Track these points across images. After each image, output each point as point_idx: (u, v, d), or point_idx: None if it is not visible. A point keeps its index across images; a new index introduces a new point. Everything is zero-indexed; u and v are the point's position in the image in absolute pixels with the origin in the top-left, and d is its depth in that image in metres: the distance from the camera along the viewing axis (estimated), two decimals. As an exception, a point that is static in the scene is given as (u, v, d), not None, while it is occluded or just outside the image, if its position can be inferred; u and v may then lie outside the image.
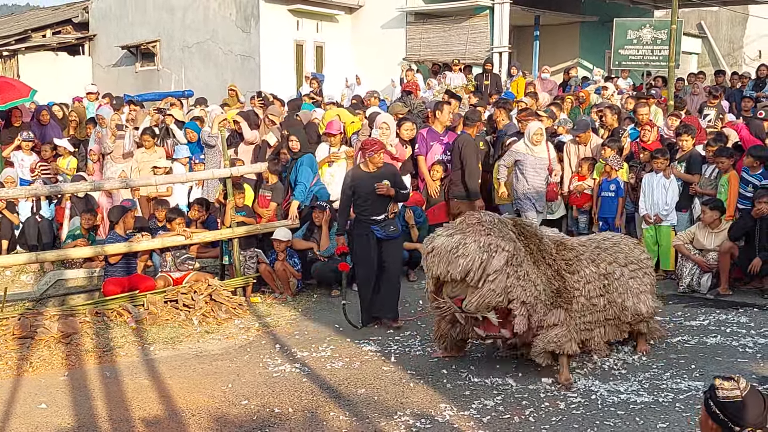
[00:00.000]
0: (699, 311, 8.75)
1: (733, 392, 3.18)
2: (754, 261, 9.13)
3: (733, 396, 3.17)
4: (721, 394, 3.19)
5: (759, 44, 27.01)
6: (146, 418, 6.08)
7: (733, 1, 23.85)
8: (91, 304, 8.87)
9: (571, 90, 17.84)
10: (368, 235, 8.47)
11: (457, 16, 22.38)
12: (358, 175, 8.58)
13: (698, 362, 7.09)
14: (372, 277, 8.48)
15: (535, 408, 6.10)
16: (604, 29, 23.28)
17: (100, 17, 26.27)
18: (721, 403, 3.17)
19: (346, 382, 6.76)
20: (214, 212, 10.73)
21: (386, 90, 20.00)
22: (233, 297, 9.29)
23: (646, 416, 5.90)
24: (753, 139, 10.74)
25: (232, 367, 7.27)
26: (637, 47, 17.62)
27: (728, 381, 3.23)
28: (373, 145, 8.51)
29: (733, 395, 3.17)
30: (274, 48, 22.42)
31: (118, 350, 7.79)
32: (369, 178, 8.44)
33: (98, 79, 24.15)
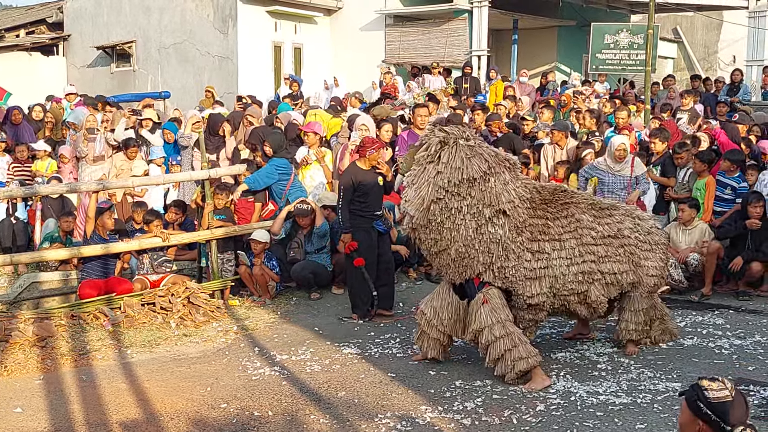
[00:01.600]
0: (676, 313, 8.80)
1: (722, 392, 3.20)
2: (736, 260, 9.20)
3: (723, 396, 3.19)
4: (711, 395, 3.20)
5: (733, 49, 27.26)
6: (124, 422, 6.02)
7: (707, 6, 24.06)
8: (66, 307, 8.79)
9: (549, 94, 17.92)
10: (371, 230, 8.75)
11: (436, 19, 22.43)
12: (358, 172, 8.76)
13: (675, 363, 7.13)
14: (375, 270, 8.73)
15: (515, 410, 6.11)
16: (582, 33, 23.44)
17: (74, 17, 26.05)
18: (712, 403, 3.19)
19: (325, 385, 6.74)
20: (191, 214, 10.66)
21: (366, 92, 19.99)
22: (211, 300, 9.25)
23: (625, 417, 5.93)
24: (731, 143, 10.85)
25: (211, 370, 7.22)
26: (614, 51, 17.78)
27: (714, 382, 3.25)
28: (374, 143, 8.88)
29: (723, 395, 3.19)
30: (252, 49, 22.34)
31: (95, 353, 7.72)
32: (369, 175, 8.69)
33: (73, 80, 23.94)
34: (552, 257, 6.78)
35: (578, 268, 6.85)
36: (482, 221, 6.59)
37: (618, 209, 7.32)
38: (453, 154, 6.58)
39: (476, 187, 6.57)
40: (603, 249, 6.96)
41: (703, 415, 3.21)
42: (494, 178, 6.64)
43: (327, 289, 10.08)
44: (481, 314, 6.67)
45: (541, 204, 6.93)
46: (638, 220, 7.30)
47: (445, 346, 7.21)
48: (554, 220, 6.89)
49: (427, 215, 6.58)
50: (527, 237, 6.73)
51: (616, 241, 7.03)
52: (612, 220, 7.12)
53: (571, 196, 7.22)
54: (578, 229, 6.92)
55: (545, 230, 6.81)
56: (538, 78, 21.60)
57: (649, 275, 7.17)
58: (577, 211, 7.02)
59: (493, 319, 6.62)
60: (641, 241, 7.16)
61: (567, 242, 6.85)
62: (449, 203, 6.55)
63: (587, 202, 7.23)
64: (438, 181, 6.55)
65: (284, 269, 10.06)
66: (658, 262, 7.26)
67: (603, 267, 6.94)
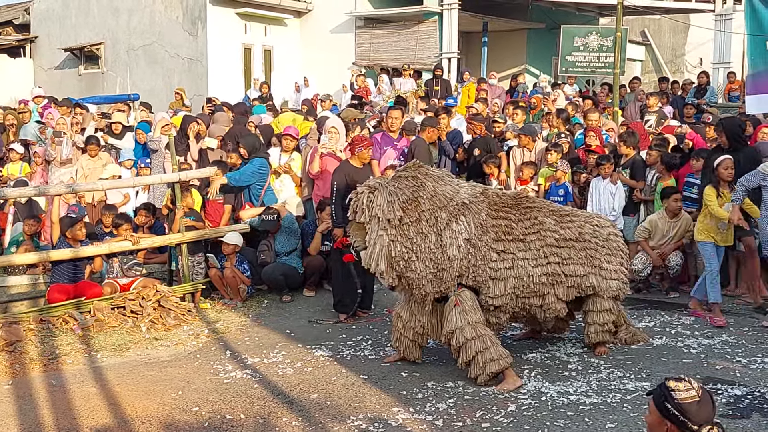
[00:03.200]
0: (645, 313, 8.91)
1: (689, 393, 3.23)
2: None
3: (690, 397, 3.22)
4: (679, 396, 3.22)
5: (700, 52, 27.60)
6: (95, 426, 5.98)
7: (675, 9, 24.33)
8: (35, 311, 8.70)
9: (518, 96, 18.03)
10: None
11: (406, 22, 22.49)
12: (351, 169, 8.92)
13: (645, 363, 7.20)
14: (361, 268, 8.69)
15: (486, 410, 6.14)
16: (551, 36, 23.60)
17: (41, 19, 25.82)
18: (679, 404, 3.21)
19: (298, 388, 6.73)
20: (161, 218, 10.60)
21: (337, 94, 20.01)
22: (182, 303, 9.19)
23: (595, 417, 5.98)
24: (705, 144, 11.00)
25: (182, 373, 7.18)
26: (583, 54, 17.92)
27: (681, 382, 3.27)
28: (363, 141, 9.06)
29: (690, 396, 3.22)
30: (222, 51, 22.28)
31: (64, 358, 7.65)
32: (360, 172, 8.82)
33: (40, 82, 23.75)
34: (517, 257, 6.85)
35: (543, 270, 6.92)
36: (443, 226, 6.63)
37: (578, 215, 7.45)
38: (380, 198, 6.63)
39: (420, 201, 6.64)
40: (566, 251, 7.05)
41: (670, 416, 3.23)
42: (434, 184, 6.72)
43: (298, 292, 10.08)
44: (452, 316, 6.71)
45: (503, 207, 7.01)
46: (597, 226, 7.42)
47: (421, 347, 7.25)
48: (518, 222, 6.97)
49: (393, 269, 6.60)
50: (492, 237, 6.79)
51: (578, 245, 7.14)
52: (573, 224, 7.23)
53: (533, 201, 7.37)
54: (541, 231, 7.01)
55: (509, 231, 6.89)
56: (508, 80, 21.74)
57: (610, 279, 7.27)
58: (540, 214, 7.11)
59: (464, 322, 6.66)
60: (601, 246, 7.27)
61: (532, 243, 6.93)
62: (408, 233, 6.57)
63: (548, 207, 7.35)
64: (382, 227, 6.58)
65: (255, 272, 10.04)
66: (617, 267, 7.37)
67: (566, 269, 7.03)
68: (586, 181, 10.80)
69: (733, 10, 20.95)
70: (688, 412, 3.20)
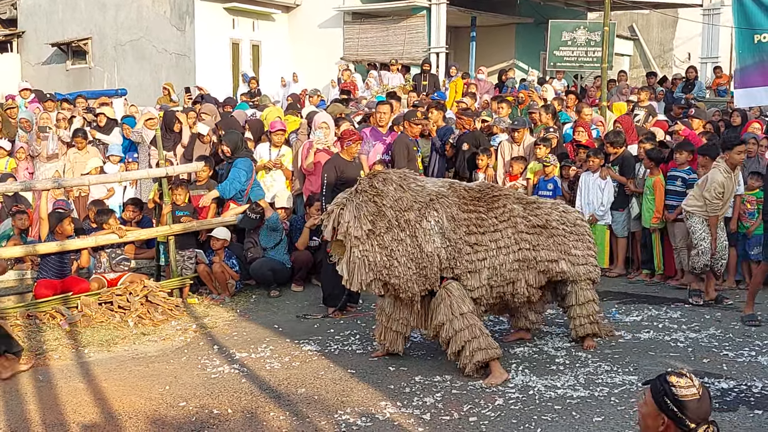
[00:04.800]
0: (632, 307, 8.94)
1: (690, 390, 3.15)
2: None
3: (691, 394, 3.14)
4: (679, 393, 3.14)
5: (688, 46, 27.66)
6: (82, 421, 5.96)
7: (663, 4, 24.39)
8: (22, 307, 8.67)
9: (507, 91, 18.03)
10: None
11: (395, 17, 22.47)
12: (341, 162, 9.02)
13: (632, 357, 7.22)
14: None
15: (474, 404, 6.15)
16: (539, 31, 23.62)
17: (28, 14, 25.68)
18: (680, 400, 3.15)
19: (285, 382, 6.73)
20: (148, 213, 10.57)
21: (325, 89, 19.98)
22: (170, 298, 9.17)
23: (583, 410, 5.99)
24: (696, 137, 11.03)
25: (170, 368, 7.16)
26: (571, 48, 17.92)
27: (682, 378, 3.18)
28: (352, 135, 9.17)
29: (690, 393, 3.14)
30: (210, 46, 22.21)
31: (51, 353, 7.61)
32: (351, 166, 8.97)
33: (27, 77, 23.66)
34: (491, 248, 6.88)
35: (515, 256, 6.96)
36: (415, 226, 6.64)
37: (544, 203, 7.53)
38: (347, 215, 6.65)
39: (384, 210, 6.65)
40: (535, 238, 7.10)
41: (668, 411, 3.16)
42: (394, 189, 6.75)
43: (286, 287, 10.07)
44: (441, 309, 6.71)
45: (471, 201, 7.04)
46: (564, 212, 7.48)
47: (406, 338, 7.26)
48: (487, 212, 7.00)
49: (378, 280, 6.60)
50: (464, 231, 6.82)
51: (545, 231, 7.18)
52: (540, 211, 7.27)
53: (499, 190, 7.41)
54: (512, 218, 7.06)
55: (480, 223, 6.92)
56: (496, 75, 21.74)
57: (578, 264, 7.32)
58: (508, 201, 7.15)
59: (454, 313, 6.67)
60: (568, 232, 7.32)
61: (504, 231, 6.96)
62: (383, 243, 6.58)
63: (514, 195, 7.43)
64: (354, 244, 6.58)
65: (243, 267, 10.03)
66: (585, 251, 7.42)
67: (537, 255, 7.07)
68: (575, 175, 10.82)
69: (721, 4, 21.02)
70: (687, 409, 3.13)
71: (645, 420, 3.26)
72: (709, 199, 8.86)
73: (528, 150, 11.37)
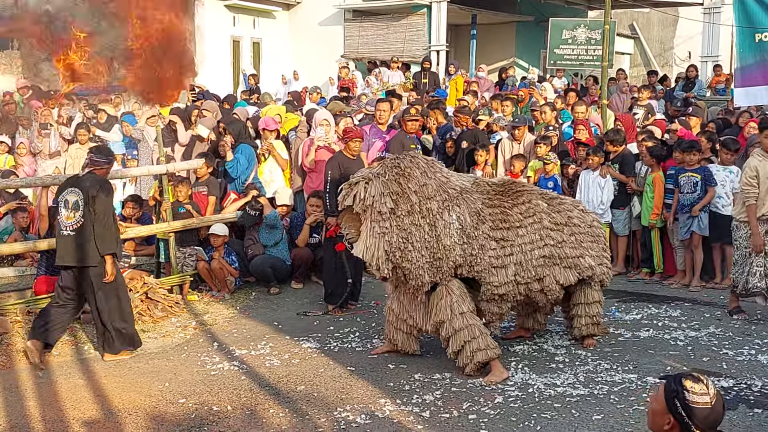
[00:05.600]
0: (632, 306, 8.94)
1: (703, 398, 3.08)
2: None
3: (703, 402, 3.07)
4: (691, 399, 3.08)
5: (688, 45, 27.64)
6: (81, 418, 5.97)
7: (663, 3, 24.37)
8: (22, 303, 8.64)
9: (507, 89, 18.02)
10: None
11: (395, 14, 22.45)
12: (344, 160, 9.03)
13: (632, 355, 7.23)
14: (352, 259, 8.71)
15: (473, 402, 6.15)
16: (540, 29, 23.58)
17: (29, 10, 25.64)
18: (690, 407, 3.10)
19: (285, 379, 6.73)
20: (148, 210, 10.57)
21: (325, 87, 19.97)
22: (169, 295, 9.15)
23: (582, 408, 6.00)
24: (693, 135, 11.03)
25: (169, 365, 7.17)
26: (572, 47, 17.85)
27: (698, 383, 3.12)
28: (352, 132, 9.21)
29: (703, 401, 3.07)
30: (210, 44, 22.17)
31: (51, 350, 7.61)
32: (354, 163, 8.93)
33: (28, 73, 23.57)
34: (516, 243, 6.86)
35: (540, 252, 6.94)
36: (435, 216, 6.62)
37: (565, 200, 7.51)
38: (374, 189, 6.63)
39: (408, 194, 6.63)
40: (559, 234, 7.08)
41: (676, 414, 3.11)
42: (420, 175, 6.73)
43: (286, 284, 10.07)
44: (441, 306, 6.71)
45: (495, 195, 7.02)
46: (582, 212, 7.49)
47: (416, 338, 7.25)
48: (512, 208, 6.98)
49: (389, 260, 6.58)
50: (489, 226, 6.79)
51: (567, 229, 7.17)
52: (563, 208, 7.26)
53: (522, 185, 7.42)
54: (536, 214, 7.04)
55: (505, 218, 6.89)
56: (496, 73, 21.72)
57: (596, 264, 7.31)
58: (532, 197, 7.13)
59: (454, 312, 6.66)
60: (585, 233, 7.32)
61: (528, 227, 6.94)
62: (402, 225, 6.56)
63: (537, 191, 7.42)
64: (376, 219, 6.58)
65: (243, 264, 10.03)
66: (600, 252, 7.42)
67: (561, 251, 7.05)
68: (575, 173, 10.81)
69: (722, 2, 21.01)
70: (696, 417, 3.07)
71: (653, 415, 3.23)
72: (743, 187, 8.15)
73: (528, 148, 11.36)
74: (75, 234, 7.19)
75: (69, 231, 7.21)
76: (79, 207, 7.18)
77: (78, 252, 7.18)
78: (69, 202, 7.25)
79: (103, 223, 7.18)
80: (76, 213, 7.19)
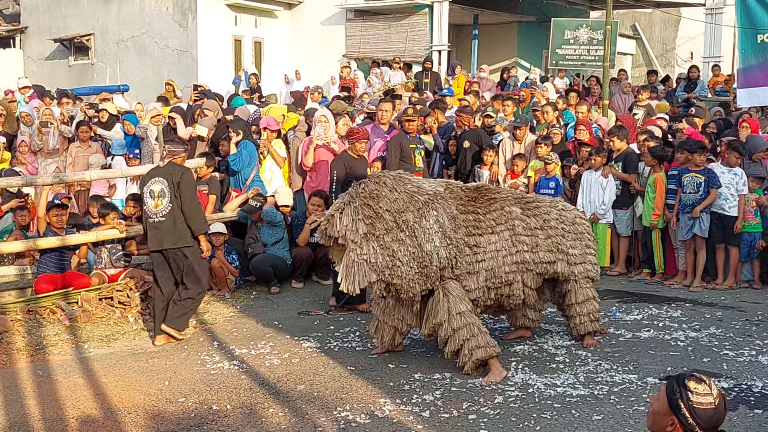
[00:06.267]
0: (633, 306, 8.93)
1: (707, 398, 3.06)
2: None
3: (707, 403, 3.05)
4: (695, 399, 3.06)
5: (690, 46, 27.63)
6: (81, 416, 5.96)
7: (665, 3, 24.35)
8: (22, 302, 8.66)
9: (509, 89, 18.02)
10: None
11: (397, 14, 22.45)
12: (349, 159, 9.14)
13: (632, 356, 7.22)
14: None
15: (473, 402, 6.14)
16: (542, 29, 23.59)
17: (31, 9, 25.68)
18: (694, 408, 3.08)
19: (285, 379, 6.73)
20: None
21: (325, 86, 19.98)
22: (170, 294, 9.15)
23: (582, 409, 5.99)
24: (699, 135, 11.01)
25: (169, 364, 7.17)
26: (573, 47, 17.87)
27: (701, 384, 3.10)
28: (357, 133, 9.25)
29: (707, 402, 3.05)
30: (212, 43, 22.20)
31: (51, 348, 7.62)
32: (359, 163, 9.09)
33: (30, 73, 23.63)
34: (488, 250, 6.86)
35: (512, 259, 6.95)
36: (414, 226, 6.61)
37: (542, 202, 7.50)
38: (345, 219, 6.61)
39: (381, 213, 6.61)
40: (532, 239, 7.08)
41: (680, 415, 3.10)
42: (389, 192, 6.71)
43: (286, 283, 10.06)
44: (439, 309, 6.71)
45: (468, 201, 7.03)
46: (562, 210, 7.46)
47: (403, 334, 7.25)
48: (485, 215, 6.98)
49: (381, 281, 6.57)
50: (464, 232, 6.81)
51: (542, 233, 7.17)
52: (538, 212, 7.26)
53: (497, 191, 7.38)
54: (509, 221, 7.04)
55: (478, 225, 6.91)
56: (498, 73, 21.71)
57: (576, 264, 7.31)
58: (506, 204, 7.13)
59: (451, 312, 6.66)
60: (567, 231, 7.30)
61: (501, 234, 6.94)
62: (385, 244, 6.54)
63: (513, 196, 7.41)
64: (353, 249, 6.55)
65: (244, 263, 10.02)
66: (584, 250, 7.41)
67: (534, 257, 7.05)
68: (576, 173, 10.80)
69: (724, 3, 21.00)
70: (700, 418, 3.05)
71: (655, 416, 3.20)
72: None
73: (529, 148, 11.35)
74: (165, 219, 7.84)
75: (159, 218, 7.85)
76: (165, 194, 7.84)
77: (172, 235, 7.84)
78: (154, 191, 7.88)
79: (192, 205, 7.91)
80: (163, 200, 7.85)
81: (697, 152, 9.78)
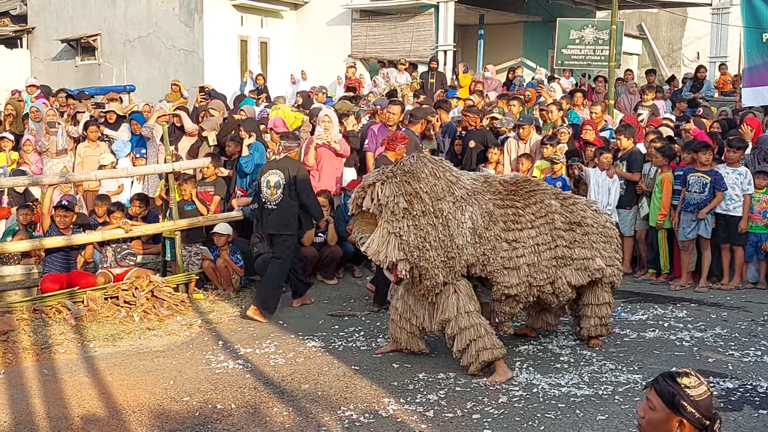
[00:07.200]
0: (638, 306, 8.92)
1: (701, 388, 3.06)
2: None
3: (703, 392, 3.08)
4: (694, 393, 3.08)
5: (697, 46, 27.56)
6: (86, 415, 5.98)
7: (672, 3, 24.30)
8: (28, 301, 8.69)
9: (515, 89, 18.01)
10: None
11: (403, 14, 22.43)
12: (387, 162, 8.87)
13: (637, 356, 7.21)
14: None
15: (477, 402, 6.15)
16: (547, 29, 23.55)
17: (38, 9, 25.73)
18: (696, 402, 3.09)
19: (289, 378, 6.73)
20: (154, 208, 10.58)
21: (331, 87, 19.99)
22: (175, 293, 9.18)
23: (586, 408, 5.99)
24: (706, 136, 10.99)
25: (174, 363, 7.18)
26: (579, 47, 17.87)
27: (689, 377, 3.09)
28: (404, 139, 9.26)
29: (702, 391, 3.06)
30: (218, 43, 22.21)
31: (57, 347, 7.64)
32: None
33: (37, 73, 23.66)
34: (528, 245, 6.84)
35: (552, 253, 6.92)
36: (448, 216, 6.60)
37: (579, 199, 7.46)
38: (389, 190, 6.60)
39: (420, 194, 6.60)
40: (571, 235, 7.05)
41: (687, 414, 3.09)
42: (430, 175, 6.69)
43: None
44: (448, 305, 6.70)
45: (507, 195, 6.98)
46: (596, 212, 7.44)
47: (420, 338, 7.24)
48: (524, 208, 6.95)
49: (407, 261, 6.54)
50: (501, 227, 6.77)
51: (580, 229, 7.13)
52: (576, 208, 7.22)
53: (537, 184, 7.36)
54: (549, 214, 7.01)
55: (517, 219, 6.87)
56: (504, 73, 21.69)
57: (608, 265, 7.27)
58: (545, 197, 7.10)
59: (460, 310, 6.66)
60: (599, 233, 7.28)
61: (540, 228, 6.92)
62: (419, 224, 6.52)
63: (551, 190, 7.36)
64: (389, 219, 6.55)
65: (248, 263, 10.03)
66: (612, 254, 7.38)
67: (573, 252, 7.03)
68: (579, 173, 10.78)
69: (730, 3, 20.93)
70: (704, 408, 3.07)
71: (654, 425, 3.18)
72: None
73: (535, 148, 11.34)
74: (277, 208, 8.64)
75: (272, 206, 8.67)
76: (280, 185, 8.62)
77: (279, 222, 8.66)
78: (270, 182, 8.67)
79: (310, 196, 8.83)
80: (277, 191, 8.64)
81: (701, 151, 9.76)
